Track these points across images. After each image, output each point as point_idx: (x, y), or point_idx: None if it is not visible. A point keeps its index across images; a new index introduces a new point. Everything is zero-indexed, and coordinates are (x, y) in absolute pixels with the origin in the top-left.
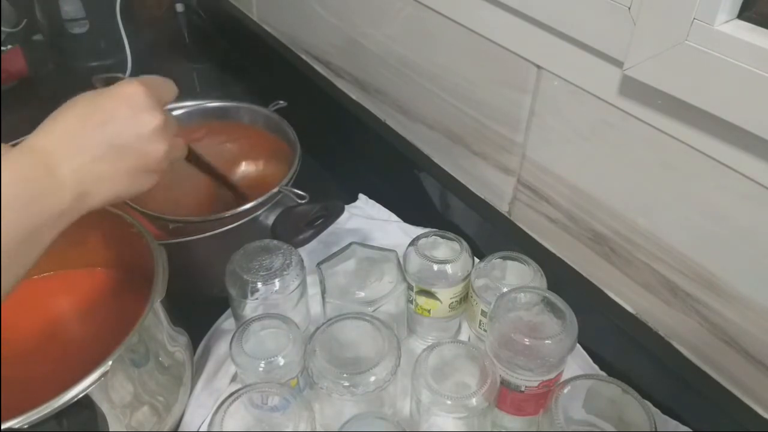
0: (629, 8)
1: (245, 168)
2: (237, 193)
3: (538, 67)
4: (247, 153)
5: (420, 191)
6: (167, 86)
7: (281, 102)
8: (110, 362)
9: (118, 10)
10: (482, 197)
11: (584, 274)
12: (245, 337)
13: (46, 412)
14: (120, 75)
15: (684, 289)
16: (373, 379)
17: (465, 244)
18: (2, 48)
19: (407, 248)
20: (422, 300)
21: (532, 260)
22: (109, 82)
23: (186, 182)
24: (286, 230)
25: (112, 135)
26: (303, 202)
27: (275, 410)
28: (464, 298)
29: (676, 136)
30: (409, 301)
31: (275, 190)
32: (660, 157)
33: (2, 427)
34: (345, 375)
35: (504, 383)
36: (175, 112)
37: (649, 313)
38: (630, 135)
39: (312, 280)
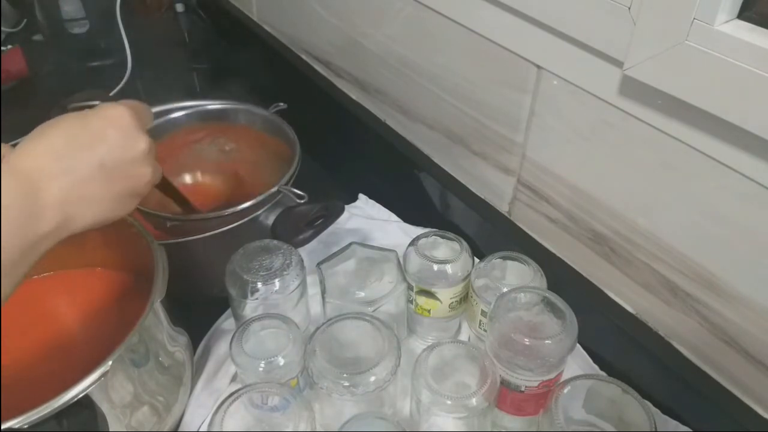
0: (629, 8)
1: (245, 169)
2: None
3: (538, 67)
4: (246, 154)
5: (420, 191)
6: (146, 111)
7: (281, 104)
8: (110, 362)
9: (118, 10)
10: (482, 197)
11: (584, 274)
12: (245, 337)
13: (46, 412)
14: (95, 102)
15: (684, 289)
16: (373, 379)
17: (465, 244)
18: (2, 48)
19: (407, 248)
20: (422, 300)
21: (532, 260)
22: (82, 108)
23: None
24: (286, 230)
25: (101, 156)
26: (302, 202)
27: (275, 410)
28: (464, 298)
29: (676, 136)
30: (409, 301)
31: (274, 189)
32: (660, 157)
33: (2, 427)
34: (345, 375)
35: (504, 383)
36: (174, 114)
37: (649, 313)
38: (630, 135)
39: (312, 280)
